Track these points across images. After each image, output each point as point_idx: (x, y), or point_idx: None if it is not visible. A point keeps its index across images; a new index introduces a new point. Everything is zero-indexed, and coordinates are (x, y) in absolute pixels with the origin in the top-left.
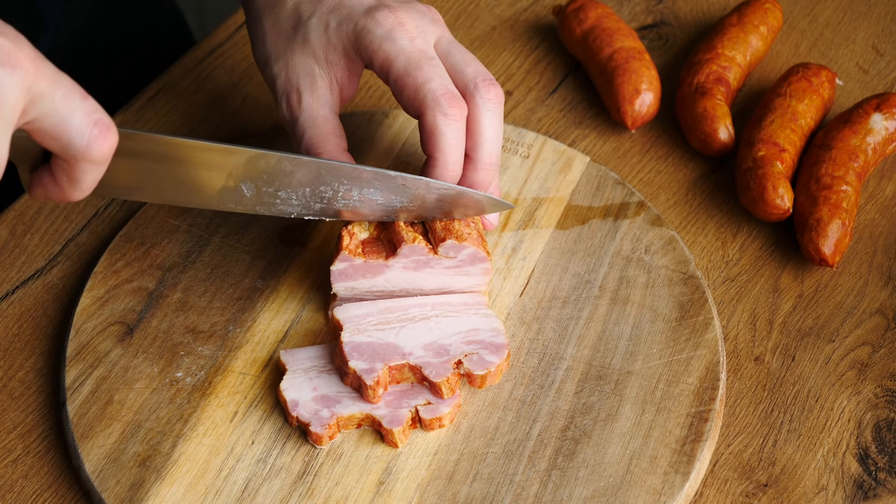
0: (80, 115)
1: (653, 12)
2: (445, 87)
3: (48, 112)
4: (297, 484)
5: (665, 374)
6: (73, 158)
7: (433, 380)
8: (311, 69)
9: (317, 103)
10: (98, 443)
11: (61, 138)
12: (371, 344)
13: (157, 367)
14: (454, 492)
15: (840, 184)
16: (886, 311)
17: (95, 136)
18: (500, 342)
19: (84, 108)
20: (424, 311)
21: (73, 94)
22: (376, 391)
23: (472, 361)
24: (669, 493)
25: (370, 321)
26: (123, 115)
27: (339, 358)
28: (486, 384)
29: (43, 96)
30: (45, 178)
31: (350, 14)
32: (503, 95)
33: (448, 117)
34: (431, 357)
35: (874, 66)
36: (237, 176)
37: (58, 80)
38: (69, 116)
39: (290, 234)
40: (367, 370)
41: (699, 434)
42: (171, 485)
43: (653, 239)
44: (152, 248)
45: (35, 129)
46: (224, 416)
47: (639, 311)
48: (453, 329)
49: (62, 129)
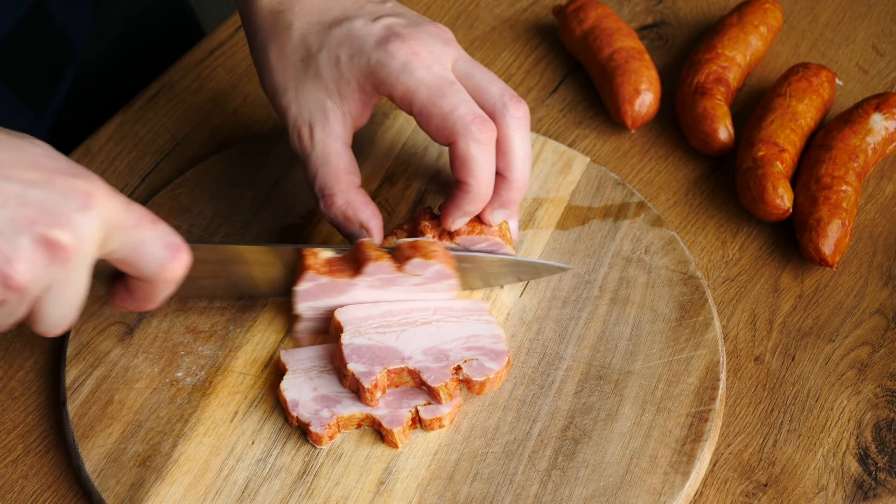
0: (153, 241)
1: (653, 12)
2: (474, 113)
3: (124, 243)
4: (298, 484)
5: (665, 374)
6: (148, 280)
7: (431, 384)
8: (322, 104)
9: (329, 139)
10: (98, 442)
11: (137, 264)
12: (371, 347)
13: (158, 366)
14: (454, 492)
15: (840, 184)
16: (886, 311)
17: (168, 259)
18: (500, 349)
19: (155, 233)
20: (426, 315)
21: (143, 221)
22: (374, 394)
23: (471, 367)
24: (669, 493)
25: (371, 324)
26: (123, 115)
27: (339, 360)
28: (484, 390)
29: (117, 228)
30: (121, 292)
31: (361, 47)
32: (528, 111)
33: (481, 143)
34: (431, 362)
35: (874, 66)
36: (286, 268)
37: (129, 211)
38: (143, 244)
39: (291, 234)
40: (365, 373)
41: (699, 434)
42: (172, 485)
43: (653, 239)
44: None
45: (113, 258)
46: (224, 415)
47: (639, 311)
48: (454, 334)
49: (137, 256)
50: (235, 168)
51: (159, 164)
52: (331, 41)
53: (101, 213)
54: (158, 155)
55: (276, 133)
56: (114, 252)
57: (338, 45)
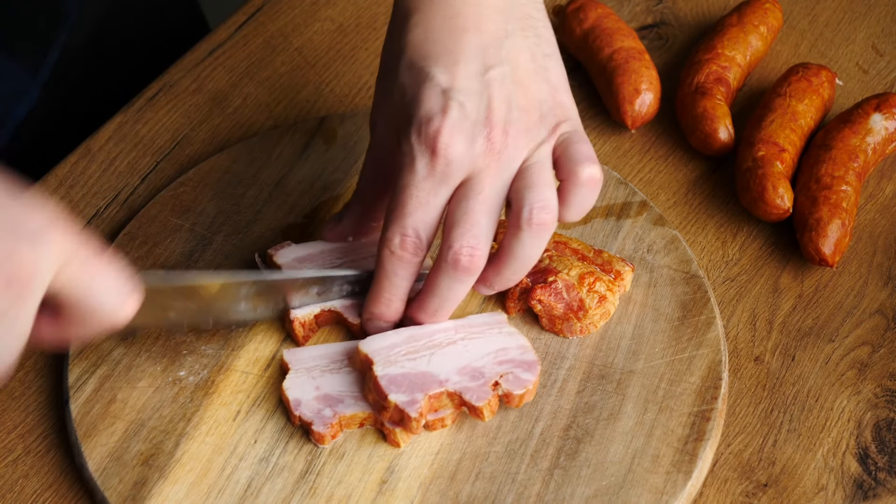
0: (106, 280)
1: (653, 12)
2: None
3: (76, 279)
4: (300, 483)
5: (667, 374)
6: (95, 321)
7: (475, 404)
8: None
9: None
10: (101, 441)
11: (86, 302)
12: (406, 375)
13: (160, 365)
14: (456, 491)
15: (840, 184)
16: (886, 311)
17: (121, 303)
18: (531, 359)
19: (110, 272)
20: (449, 335)
21: (97, 259)
22: (420, 422)
23: (508, 381)
24: (672, 492)
25: (399, 351)
26: (123, 115)
27: (375, 393)
28: (522, 403)
29: (72, 264)
30: (42, 325)
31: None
32: (553, 227)
33: (395, 256)
34: (468, 381)
35: (874, 66)
36: (248, 296)
37: (83, 246)
38: (95, 282)
39: (293, 233)
40: (408, 402)
41: (701, 433)
42: (174, 483)
43: (655, 238)
44: (155, 246)
45: (61, 294)
46: (227, 414)
47: (641, 310)
48: (482, 350)
49: (88, 295)
50: (238, 167)
51: (159, 164)
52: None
53: (56, 247)
54: (158, 155)
55: (279, 132)
56: (64, 288)
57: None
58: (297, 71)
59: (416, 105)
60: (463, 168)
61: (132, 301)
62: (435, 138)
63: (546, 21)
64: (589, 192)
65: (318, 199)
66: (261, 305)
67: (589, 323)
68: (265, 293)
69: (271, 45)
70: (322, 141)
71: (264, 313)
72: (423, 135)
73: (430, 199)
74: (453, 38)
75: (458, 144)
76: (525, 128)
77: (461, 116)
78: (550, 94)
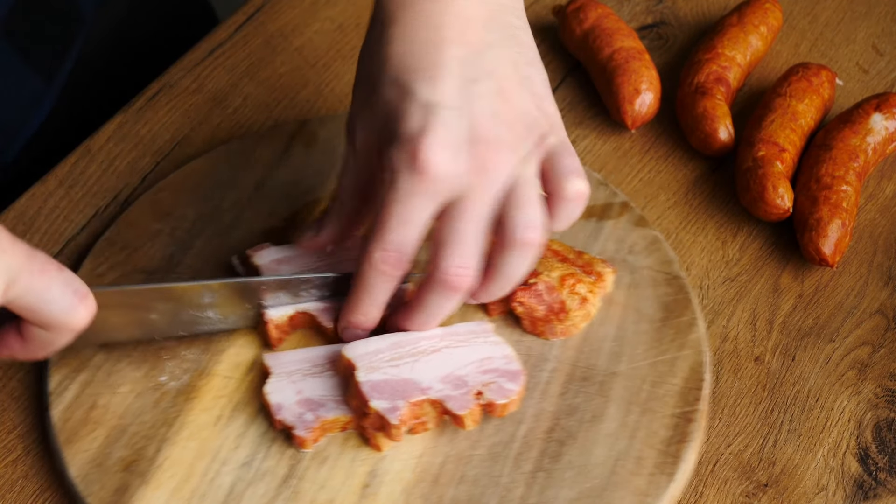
0: (59, 287)
1: (653, 12)
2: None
3: (28, 289)
4: (282, 487)
5: (650, 375)
6: (51, 327)
7: (457, 413)
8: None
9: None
10: (82, 447)
11: (41, 311)
12: (388, 381)
13: (142, 371)
14: (440, 494)
15: (840, 184)
16: (886, 311)
17: (74, 306)
18: (515, 369)
19: (61, 279)
20: (434, 342)
21: (48, 267)
22: (401, 429)
23: (492, 391)
24: (655, 493)
25: (382, 357)
26: (123, 116)
27: (357, 399)
28: (506, 412)
29: (21, 274)
30: (10, 339)
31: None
32: (540, 246)
33: (376, 271)
34: (451, 389)
35: (874, 66)
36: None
37: (33, 258)
38: (47, 290)
39: (274, 236)
40: (389, 409)
41: (684, 435)
42: (157, 489)
43: (636, 240)
44: (135, 252)
45: (15, 305)
46: (208, 419)
47: (623, 312)
48: (466, 359)
49: (42, 303)
50: (217, 170)
51: (159, 164)
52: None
53: (4, 258)
54: (158, 155)
55: (259, 134)
56: (17, 299)
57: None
58: (297, 71)
59: (398, 120)
60: (447, 184)
61: (89, 303)
62: (419, 155)
63: (527, 28)
64: (576, 207)
65: (299, 202)
66: (233, 311)
67: (570, 325)
68: (238, 295)
69: (271, 45)
70: (302, 144)
71: (237, 321)
72: (407, 151)
73: (414, 216)
74: (436, 51)
75: (442, 161)
76: (510, 142)
77: (445, 132)
78: (535, 104)
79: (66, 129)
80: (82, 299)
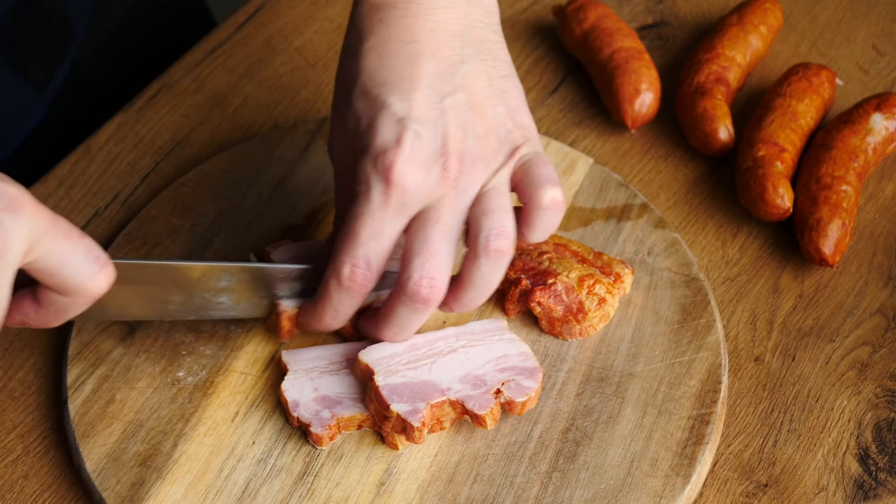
0: (80, 252)
1: (653, 12)
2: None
3: (50, 251)
4: (298, 484)
5: (667, 377)
6: (69, 293)
7: (477, 412)
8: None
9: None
10: (99, 442)
11: (61, 275)
12: (407, 384)
13: (159, 366)
14: (454, 493)
15: (840, 184)
16: (886, 311)
17: (95, 273)
18: (532, 366)
19: (83, 245)
20: (450, 343)
21: (71, 233)
22: (423, 432)
23: (510, 389)
24: (670, 495)
25: (399, 361)
26: (124, 116)
27: (377, 402)
28: (524, 410)
29: (44, 236)
30: (25, 304)
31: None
32: (509, 254)
33: (342, 286)
34: (470, 389)
35: (874, 66)
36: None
37: (56, 221)
38: (69, 254)
39: (294, 233)
40: (410, 412)
41: (700, 437)
42: (172, 484)
43: (655, 241)
44: (155, 247)
45: (35, 268)
46: (225, 415)
47: (641, 313)
48: (483, 358)
49: (63, 267)
50: (238, 167)
51: (159, 164)
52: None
53: (29, 219)
54: (158, 155)
55: (280, 132)
56: (38, 260)
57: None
58: (297, 71)
59: (371, 133)
60: (418, 198)
61: (105, 273)
62: (390, 168)
63: (502, 42)
64: (552, 215)
65: (319, 199)
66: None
67: (588, 325)
68: (255, 282)
69: (271, 45)
70: (323, 142)
71: (249, 310)
72: (379, 164)
73: (384, 230)
74: (409, 65)
75: (413, 174)
76: (482, 154)
77: (417, 145)
78: (509, 117)
79: (58, 135)
80: (103, 267)
